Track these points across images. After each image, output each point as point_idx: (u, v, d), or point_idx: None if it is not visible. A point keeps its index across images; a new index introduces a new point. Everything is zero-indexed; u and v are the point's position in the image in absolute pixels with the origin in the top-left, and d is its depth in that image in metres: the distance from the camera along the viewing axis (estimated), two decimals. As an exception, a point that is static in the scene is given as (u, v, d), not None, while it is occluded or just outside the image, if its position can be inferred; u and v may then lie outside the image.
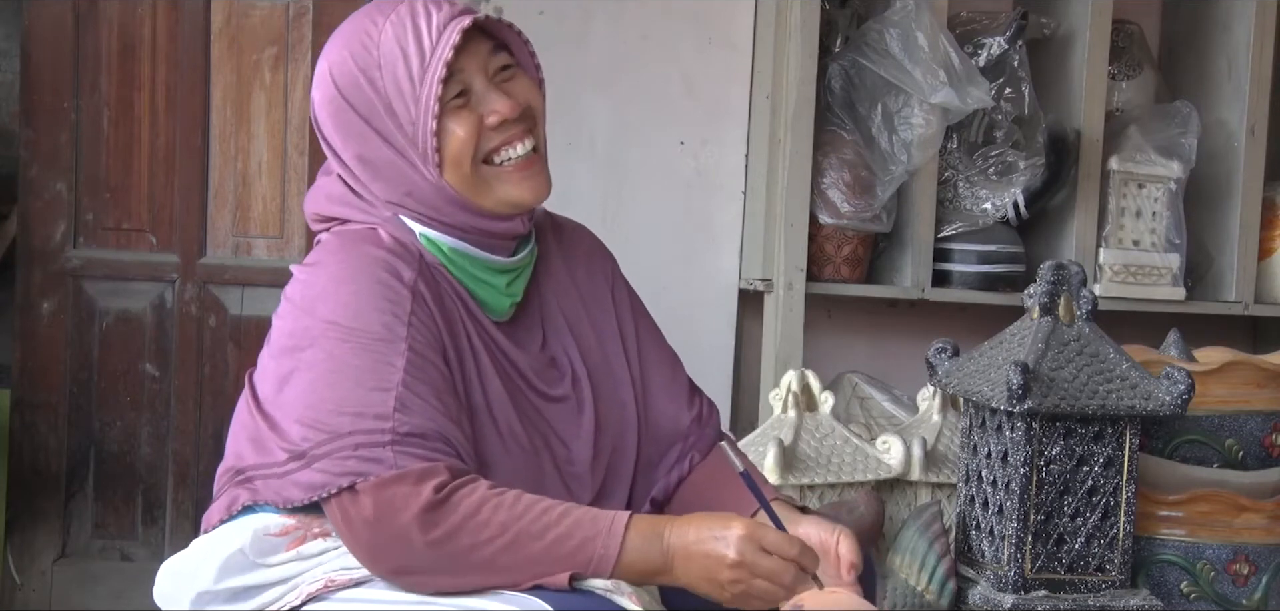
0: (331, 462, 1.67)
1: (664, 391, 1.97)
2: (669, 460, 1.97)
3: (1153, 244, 3.59)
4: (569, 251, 1.98)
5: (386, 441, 1.66)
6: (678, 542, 1.68)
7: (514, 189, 1.80)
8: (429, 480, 1.65)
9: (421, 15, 1.75)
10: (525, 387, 1.85)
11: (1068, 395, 2.36)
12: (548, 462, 1.84)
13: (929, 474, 2.71)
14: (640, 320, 2.01)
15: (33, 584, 3.43)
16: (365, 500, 1.65)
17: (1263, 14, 3.64)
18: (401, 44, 1.74)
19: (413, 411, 1.68)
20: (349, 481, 1.66)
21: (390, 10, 1.77)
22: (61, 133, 3.39)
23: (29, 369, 3.43)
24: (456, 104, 1.76)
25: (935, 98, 3.28)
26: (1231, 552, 2.55)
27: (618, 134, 3.54)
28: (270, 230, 3.42)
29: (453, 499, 1.65)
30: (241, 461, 1.78)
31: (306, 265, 1.80)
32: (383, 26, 1.76)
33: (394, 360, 1.69)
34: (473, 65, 1.77)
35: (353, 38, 1.78)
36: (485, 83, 1.78)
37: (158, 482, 3.44)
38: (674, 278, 3.51)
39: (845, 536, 1.77)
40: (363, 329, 1.70)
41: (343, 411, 1.67)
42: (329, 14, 3.36)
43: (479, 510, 1.65)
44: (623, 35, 3.52)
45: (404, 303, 1.73)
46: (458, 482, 1.67)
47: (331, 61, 1.80)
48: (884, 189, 3.37)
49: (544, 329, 1.90)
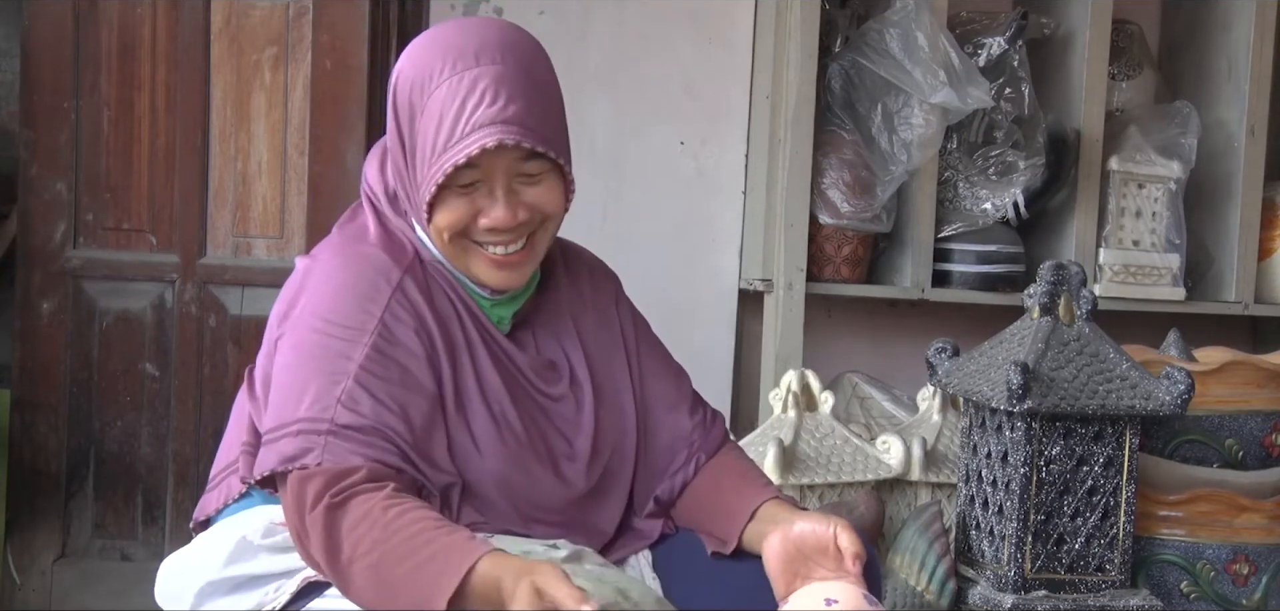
0: (276, 447, 1.72)
1: (664, 402, 1.98)
2: (675, 464, 1.97)
3: (1153, 244, 3.59)
4: (574, 269, 2.00)
5: (323, 432, 1.70)
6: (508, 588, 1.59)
7: (485, 272, 1.82)
8: (336, 482, 1.67)
9: (474, 98, 1.74)
10: (524, 382, 1.86)
11: (1068, 395, 2.36)
12: (544, 453, 1.85)
13: (929, 474, 2.71)
14: (643, 336, 2.02)
15: (33, 584, 3.43)
16: (291, 486, 1.70)
17: (1263, 14, 3.64)
18: (443, 112, 1.74)
19: (359, 406, 1.71)
20: (284, 466, 1.70)
21: (459, 71, 1.75)
22: (61, 132, 3.38)
23: (29, 369, 3.42)
24: (466, 179, 1.76)
25: (935, 98, 3.28)
26: (1231, 552, 2.55)
27: (618, 134, 3.54)
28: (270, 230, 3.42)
29: (348, 504, 1.67)
30: (241, 446, 1.84)
31: (308, 256, 1.86)
32: (442, 83, 1.75)
33: (352, 353, 1.73)
34: (497, 164, 1.76)
35: (424, 67, 1.78)
36: (501, 185, 1.77)
37: (158, 482, 3.44)
38: (674, 278, 3.51)
39: (842, 528, 1.77)
40: (335, 321, 1.75)
41: (299, 398, 1.72)
42: (329, 14, 3.36)
43: (360, 523, 1.66)
44: (623, 35, 3.52)
45: (381, 298, 1.76)
46: (359, 488, 1.67)
47: (402, 70, 1.81)
48: (884, 189, 3.37)
49: (541, 338, 1.92)
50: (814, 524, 1.79)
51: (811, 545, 1.78)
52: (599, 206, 3.48)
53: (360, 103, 3.33)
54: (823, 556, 1.78)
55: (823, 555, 1.78)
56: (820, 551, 1.77)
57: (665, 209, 3.55)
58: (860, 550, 1.76)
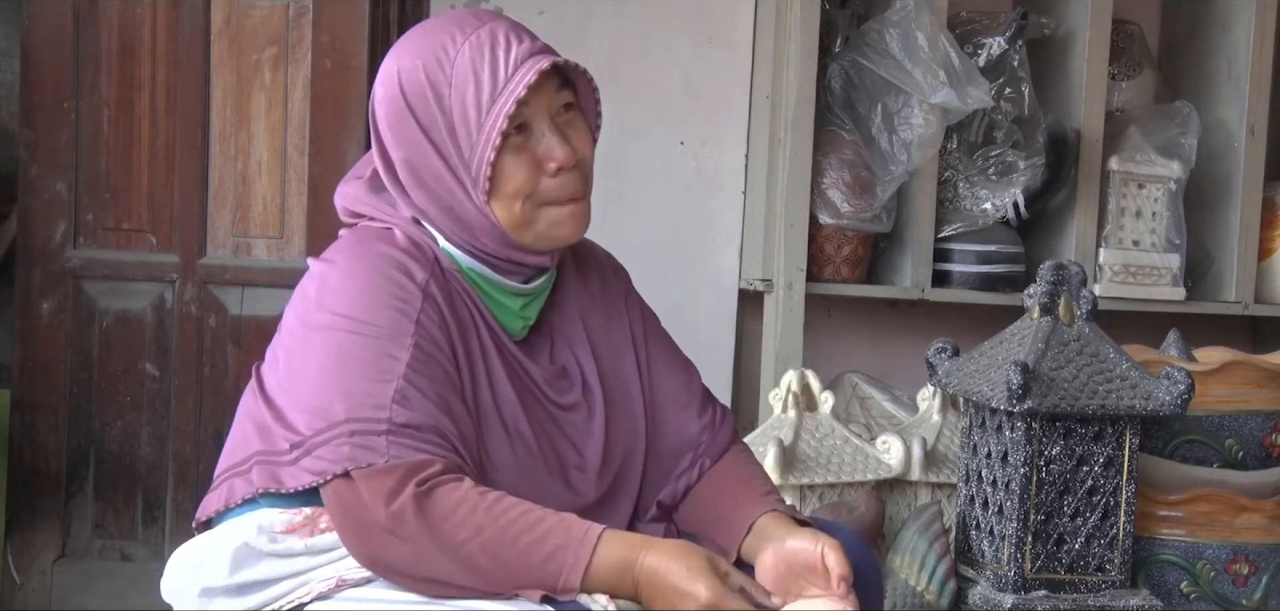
0: (328, 450, 1.69)
1: (674, 401, 1.98)
2: (680, 467, 1.97)
3: (1153, 244, 3.59)
4: (584, 266, 2.00)
5: (382, 431, 1.68)
6: (646, 570, 1.68)
7: (557, 227, 1.81)
8: (416, 474, 1.67)
9: (501, 45, 1.75)
10: (537, 393, 1.86)
11: (1068, 395, 2.36)
12: (555, 465, 1.84)
13: (929, 474, 2.71)
14: (652, 333, 2.02)
15: (33, 584, 3.43)
16: (357, 488, 1.68)
17: (1263, 14, 3.64)
18: (476, 70, 1.74)
19: (411, 404, 1.69)
20: (343, 468, 1.68)
21: (471, 31, 1.77)
22: (61, 133, 3.39)
23: (29, 369, 3.42)
24: (516, 140, 1.77)
25: (935, 98, 3.28)
26: (1231, 552, 2.55)
27: (618, 134, 3.54)
28: (270, 230, 3.42)
29: (435, 493, 1.67)
30: (247, 449, 1.80)
31: (322, 259, 1.82)
32: (461, 46, 1.76)
33: (398, 353, 1.71)
34: (538, 102, 1.77)
35: (428, 49, 1.78)
36: (547, 123, 1.78)
37: (158, 482, 3.44)
38: (674, 278, 3.51)
39: (831, 548, 1.76)
40: (370, 322, 1.72)
41: (343, 400, 1.69)
42: (329, 14, 3.36)
43: (458, 509, 1.66)
44: (623, 35, 3.52)
45: (414, 300, 1.75)
46: (443, 478, 1.68)
47: (402, 65, 1.79)
48: (884, 189, 3.37)
49: (555, 342, 1.92)
50: (804, 542, 1.78)
51: (802, 562, 1.78)
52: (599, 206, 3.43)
53: (360, 103, 3.33)
54: (812, 574, 1.77)
55: (812, 573, 1.77)
56: (810, 569, 1.77)
57: (665, 209, 3.55)
58: (846, 572, 1.75)
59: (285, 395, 1.76)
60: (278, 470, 1.75)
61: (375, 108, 1.83)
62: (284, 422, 1.75)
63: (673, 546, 1.70)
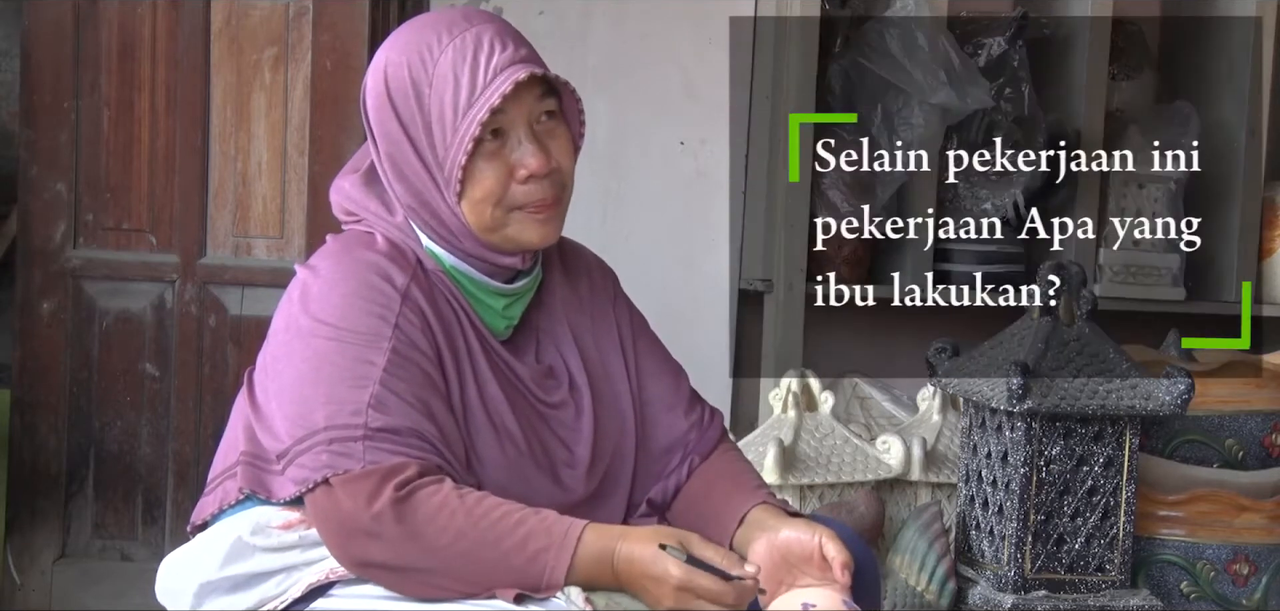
0: (309, 457, 1.71)
1: (661, 401, 1.98)
2: (670, 466, 1.97)
3: (1153, 244, 3.59)
4: (572, 269, 2.00)
5: (358, 437, 1.69)
6: (622, 559, 1.70)
7: (529, 230, 1.81)
8: (393, 477, 1.68)
9: (484, 50, 1.76)
10: (523, 391, 1.86)
11: (1068, 395, 2.36)
12: (544, 462, 1.85)
13: (929, 474, 2.71)
14: (640, 335, 2.02)
15: (33, 584, 3.43)
16: (335, 494, 1.69)
17: (1263, 14, 3.63)
18: (456, 72, 1.75)
19: (388, 408, 1.70)
20: (322, 476, 1.70)
21: (458, 33, 1.77)
22: (61, 133, 3.39)
23: (29, 369, 3.42)
24: (491, 146, 1.77)
25: (935, 98, 3.27)
26: (1231, 552, 2.55)
27: (617, 134, 3.54)
28: (270, 230, 3.42)
29: (415, 498, 1.68)
30: (237, 454, 1.82)
31: (307, 266, 1.84)
32: (446, 47, 1.77)
33: (374, 358, 1.72)
34: (517, 110, 1.78)
35: (413, 47, 1.79)
36: (526, 130, 1.79)
37: (158, 482, 3.44)
38: (673, 278, 3.51)
39: (828, 537, 1.76)
40: (348, 328, 1.74)
41: (322, 408, 1.71)
42: (329, 14, 3.36)
43: (438, 513, 1.67)
44: (623, 35, 3.52)
45: (393, 304, 1.76)
46: (421, 482, 1.69)
47: (389, 60, 1.81)
48: (884, 189, 3.37)
49: (541, 342, 1.92)
50: (799, 532, 1.79)
51: (797, 552, 1.78)
52: (598, 206, 3.47)
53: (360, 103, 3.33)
54: (808, 564, 1.77)
55: (808, 563, 1.77)
56: (805, 559, 1.77)
57: (665, 209, 3.55)
58: (847, 559, 1.76)
59: (270, 401, 1.78)
60: (266, 478, 1.78)
61: (365, 100, 1.85)
62: (270, 430, 1.78)
63: (646, 531, 1.72)
